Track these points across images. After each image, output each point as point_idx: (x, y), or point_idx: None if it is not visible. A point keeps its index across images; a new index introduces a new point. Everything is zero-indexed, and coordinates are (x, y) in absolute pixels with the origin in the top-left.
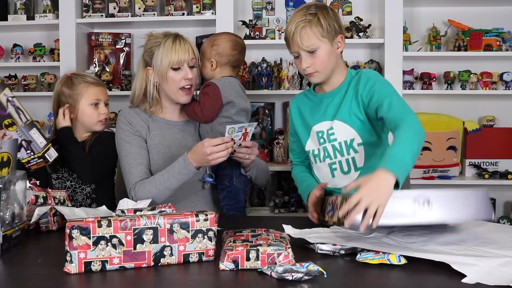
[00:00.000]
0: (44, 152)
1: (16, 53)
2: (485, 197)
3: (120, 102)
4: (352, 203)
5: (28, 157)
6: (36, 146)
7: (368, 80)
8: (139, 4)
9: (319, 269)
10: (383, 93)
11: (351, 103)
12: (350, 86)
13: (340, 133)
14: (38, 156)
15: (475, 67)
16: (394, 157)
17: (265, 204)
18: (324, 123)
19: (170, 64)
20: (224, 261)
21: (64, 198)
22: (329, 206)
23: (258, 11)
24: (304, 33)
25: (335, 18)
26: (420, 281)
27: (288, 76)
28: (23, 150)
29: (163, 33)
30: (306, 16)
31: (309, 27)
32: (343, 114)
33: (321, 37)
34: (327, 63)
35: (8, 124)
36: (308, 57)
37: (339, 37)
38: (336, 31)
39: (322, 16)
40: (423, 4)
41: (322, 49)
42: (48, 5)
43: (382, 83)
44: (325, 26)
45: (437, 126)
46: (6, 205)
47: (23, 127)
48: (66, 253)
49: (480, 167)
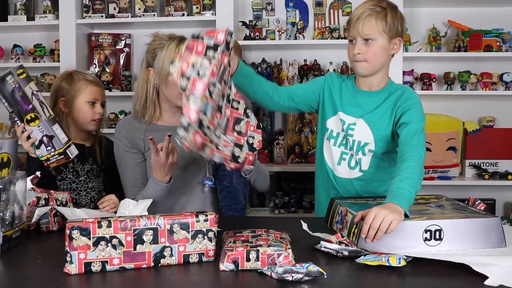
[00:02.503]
0: (66, 148)
1: (16, 54)
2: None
3: (120, 103)
4: (368, 220)
5: (48, 154)
6: (58, 141)
7: (410, 98)
8: (139, 4)
9: (319, 269)
10: (415, 117)
11: (385, 112)
12: (392, 95)
13: (359, 132)
14: (59, 152)
15: (475, 68)
16: (402, 191)
17: (265, 205)
18: (352, 117)
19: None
20: (224, 261)
21: (67, 200)
22: (338, 217)
23: (258, 11)
24: (368, 21)
25: (401, 21)
26: (421, 283)
27: (288, 77)
28: (43, 147)
29: (168, 35)
30: (376, 7)
31: (375, 17)
32: (371, 118)
33: (381, 31)
34: (378, 57)
35: (30, 119)
36: (362, 45)
37: (397, 40)
38: (398, 32)
39: (390, 13)
40: (423, 5)
41: (379, 42)
42: (48, 6)
43: (420, 108)
44: (389, 22)
45: (437, 126)
46: (6, 205)
47: (46, 121)
48: (66, 253)
49: (480, 167)
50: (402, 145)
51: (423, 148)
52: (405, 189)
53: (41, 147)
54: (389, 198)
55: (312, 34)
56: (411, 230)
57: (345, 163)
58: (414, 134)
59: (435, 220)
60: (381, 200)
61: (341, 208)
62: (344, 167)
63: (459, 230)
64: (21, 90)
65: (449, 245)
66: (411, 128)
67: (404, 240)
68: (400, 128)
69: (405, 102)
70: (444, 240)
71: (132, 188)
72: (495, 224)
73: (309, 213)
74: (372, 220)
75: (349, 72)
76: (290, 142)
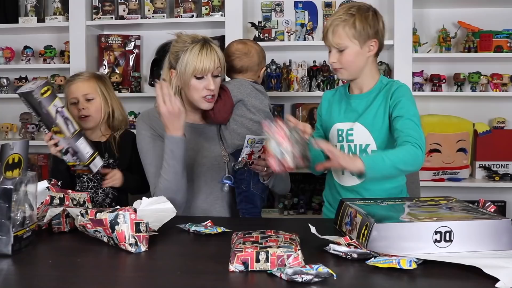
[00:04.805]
0: (90, 162)
1: (26, 55)
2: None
3: (129, 104)
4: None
5: (74, 161)
6: (81, 156)
7: (398, 90)
8: (149, 6)
9: (329, 271)
10: (406, 109)
11: (377, 110)
12: (380, 92)
13: (358, 136)
14: (83, 164)
15: (485, 69)
16: (377, 156)
17: (274, 206)
18: (348, 123)
19: (194, 72)
20: (233, 262)
21: (85, 199)
22: (347, 218)
23: (267, 12)
24: (337, 31)
25: (374, 23)
26: (432, 285)
27: (297, 78)
28: (69, 155)
29: (192, 36)
30: (344, 15)
31: (342, 26)
32: (367, 119)
33: (352, 38)
34: (353, 63)
35: (56, 131)
36: (336, 53)
37: (372, 42)
38: (370, 35)
39: (359, 19)
40: (432, 6)
41: (350, 49)
42: (58, 8)
43: (410, 100)
44: (358, 29)
45: (447, 128)
46: (17, 206)
47: (70, 138)
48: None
49: (491, 169)
50: (397, 139)
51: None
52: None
53: (67, 154)
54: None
55: (321, 35)
56: (421, 231)
57: (348, 172)
58: (407, 126)
59: (445, 222)
60: (390, 201)
61: (350, 210)
62: (348, 175)
63: (469, 232)
64: (44, 107)
65: (459, 246)
66: (404, 121)
67: (413, 241)
68: (394, 122)
69: (394, 95)
70: (454, 242)
71: (155, 177)
72: (506, 226)
73: (318, 214)
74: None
75: None
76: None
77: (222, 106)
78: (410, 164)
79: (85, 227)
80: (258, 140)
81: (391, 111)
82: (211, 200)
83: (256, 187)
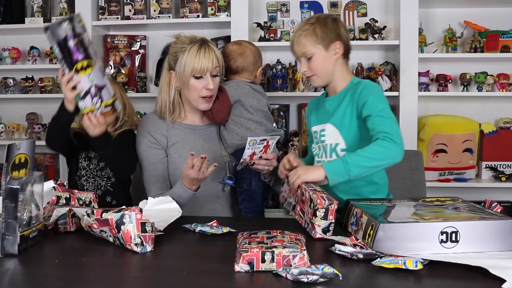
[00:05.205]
0: (114, 100)
1: (33, 56)
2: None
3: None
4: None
5: (93, 105)
6: (107, 92)
7: (363, 90)
8: (155, 6)
9: (335, 271)
10: (373, 107)
11: (345, 110)
12: (348, 93)
13: (329, 136)
14: (106, 104)
15: (492, 69)
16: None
17: (279, 206)
18: (321, 125)
19: (192, 72)
20: (239, 262)
21: (91, 199)
22: (353, 218)
23: (272, 13)
24: (300, 41)
25: (334, 27)
26: (438, 285)
27: (303, 78)
28: (88, 98)
29: (190, 37)
30: (304, 26)
31: (304, 36)
32: (336, 119)
33: (315, 44)
34: (323, 67)
35: (80, 68)
36: (305, 62)
37: (337, 44)
38: (332, 38)
39: (318, 26)
40: (438, 5)
41: (317, 55)
42: (64, 8)
43: (376, 97)
44: (319, 34)
45: (453, 128)
46: (24, 206)
47: (100, 70)
48: None
49: (497, 169)
50: (372, 138)
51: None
52: (342, 158)
53: (86, 98)
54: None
55: None
56: (427, 232)
57: None
58: (376, 123)
59: (451, 222)
60: (395, 201)
61: (356, 210)
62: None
63: (476, 232)
64: (77, 38)
65: (465, 247)
66: (373, 119)
67: (419, 242)
68: (366, 122)
69: (361, 95)
70: (461, 242)
71: (154, 184)
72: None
73: None
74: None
75: (364, 74)
76: (304, 143)
77: (220, 106)
78: (381, 159)
79: (91, 227)
80: (259, 141)
81: (360, 111)
82: (212, 200)
83: (257, 186)
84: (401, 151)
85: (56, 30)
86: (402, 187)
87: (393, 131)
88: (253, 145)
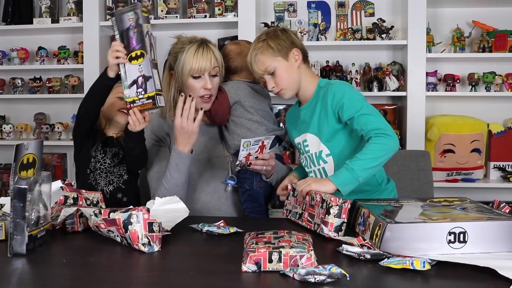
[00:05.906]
0: (157, 94)
1: (41, 56)
2: None
3: None
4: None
5: (136, 96)
6: (152, 84)
7: (335, 94)
8: (162, 6)
9: (342, 271)
10: (353, 109)
11: (319, 117)
12: (319, 99)
13: (312, 145)
14: (148, 96)
15: (500, 69)
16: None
17: None
18: (302, 135)
19: (190, 72)
20: (246, 262)
21: (98, 199)
22: (360, 219)
23: (280, 13)
24: (258, 60)
25: (285, 37)
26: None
27: None
28: (133, 88)
29: (190, 38)
30: (257, 45)
31: (261, 53)
32: (313, 128)
33: (274, 58)
34: (288, 78)
35: (134, 56)
36: (270, 79)
37: (294, 51)
38: (288, 47)
39: (270, 39)
40: (446, 5)
41: (279, 67)
42: (72, 9)
43: (350, 97)
44: (274, 46)
45: (461, 128)
46: (32, 205)
47: (150, 60)
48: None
49: (505, 170)
50: (364, 138)
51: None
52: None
53: (132, 87)
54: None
55: (334, 35)
56: (435, 232)
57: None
58: (363, 122)
59: (459, 222)
60: (403, 201)
61: (363, 210)
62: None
63: (484, 233)
64: (137, 27)
65: (473, 247)
66: (357, 120)
67: (427, 242)
68: (351, 125)
69: (334, 100)
70: (469, 243)
71: (157, 181)
72: None
73: None
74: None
75: (372, 74)
76: None
77: (218, 107)
78: (382, 156)
79: (99, 227)
80: (254, 142)
81: (339, 116)
82: (215, 200)
83: (259, 186)
84: (396, 141)
85: (121, 18)
86: (409, 187)
87: (382, 125)
88: (247, 146)
